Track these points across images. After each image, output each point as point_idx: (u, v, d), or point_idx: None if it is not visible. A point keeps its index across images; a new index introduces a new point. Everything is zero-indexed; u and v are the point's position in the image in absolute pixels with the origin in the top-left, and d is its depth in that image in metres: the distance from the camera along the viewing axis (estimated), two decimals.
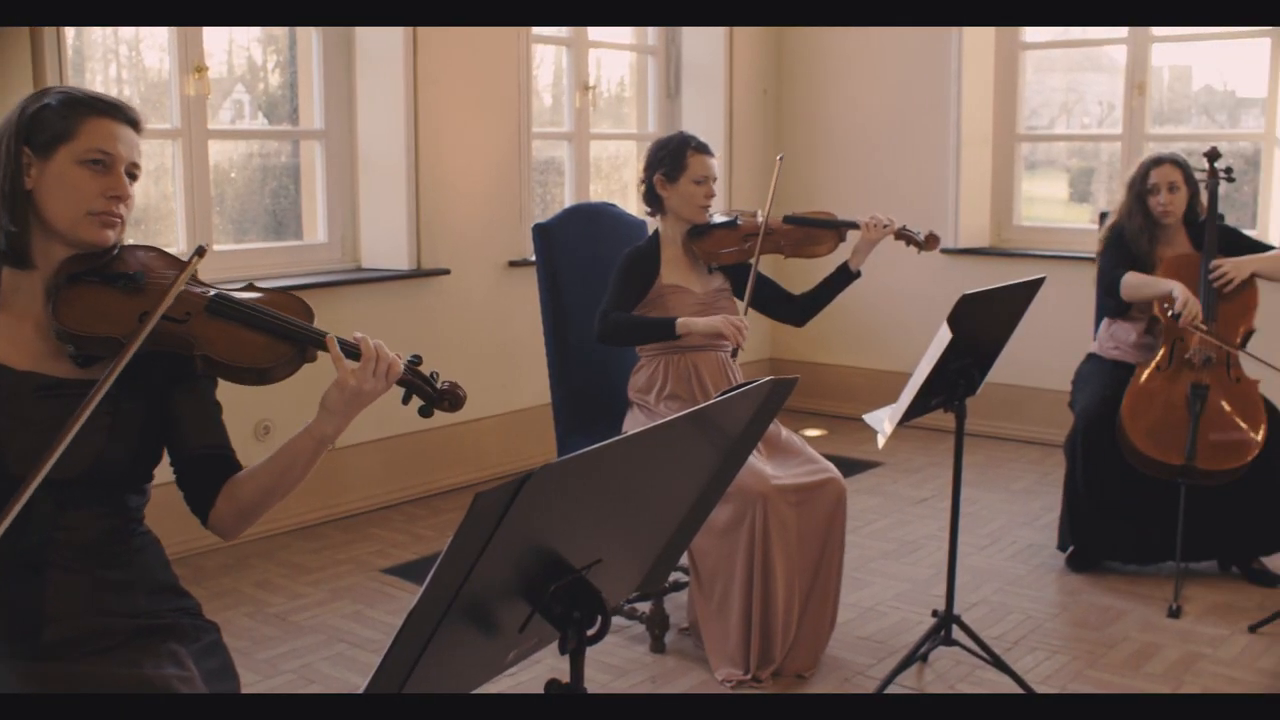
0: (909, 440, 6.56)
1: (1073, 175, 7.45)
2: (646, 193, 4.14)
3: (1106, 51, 6.90)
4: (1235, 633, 4.19)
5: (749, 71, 7.25)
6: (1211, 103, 6.94)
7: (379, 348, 2.23)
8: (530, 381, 5.79)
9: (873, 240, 4.14)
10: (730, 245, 4.10)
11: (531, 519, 1.65)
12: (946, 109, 6.87)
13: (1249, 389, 4.59)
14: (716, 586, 3.80)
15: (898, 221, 4.17)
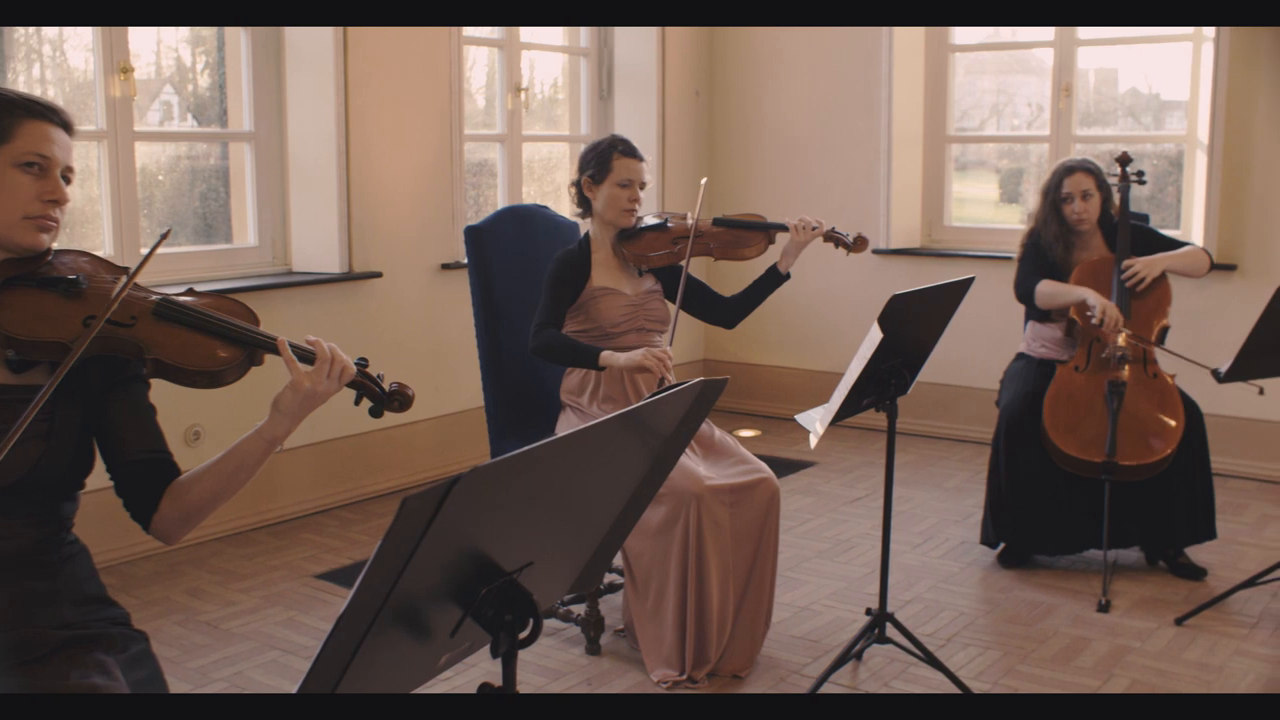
0: (842, 440, 6.60)
1: (1003, 176, 7.53)
2: (576, 195, 4.14)
3: (1035, 54, 6.98)
4: (1163, 625, 4.25)
5: (681, 73, 7.27)
6: (1137, 105, 7.04)
7: (334, 350, 2.27)
8: (463, 384, 5.78)
9: (801, 243, 4.16)
10: (660, 249, 4.10)
11: (461, 522, 1.64)
12: (878, 110, 6.92)
13: (1166, 384, 4.67)
14: (651, 587, 3.80)
15: (826, 224, 4.19)
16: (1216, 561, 4.81)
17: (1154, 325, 4.70)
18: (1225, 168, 6.01)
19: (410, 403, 2.41)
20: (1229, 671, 3.90)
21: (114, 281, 2.25)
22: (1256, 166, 5.97)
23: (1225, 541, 4.96)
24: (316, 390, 2.25)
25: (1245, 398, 5.42)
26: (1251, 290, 5.54)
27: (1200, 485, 4.67)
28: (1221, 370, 4.10)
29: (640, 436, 1.99)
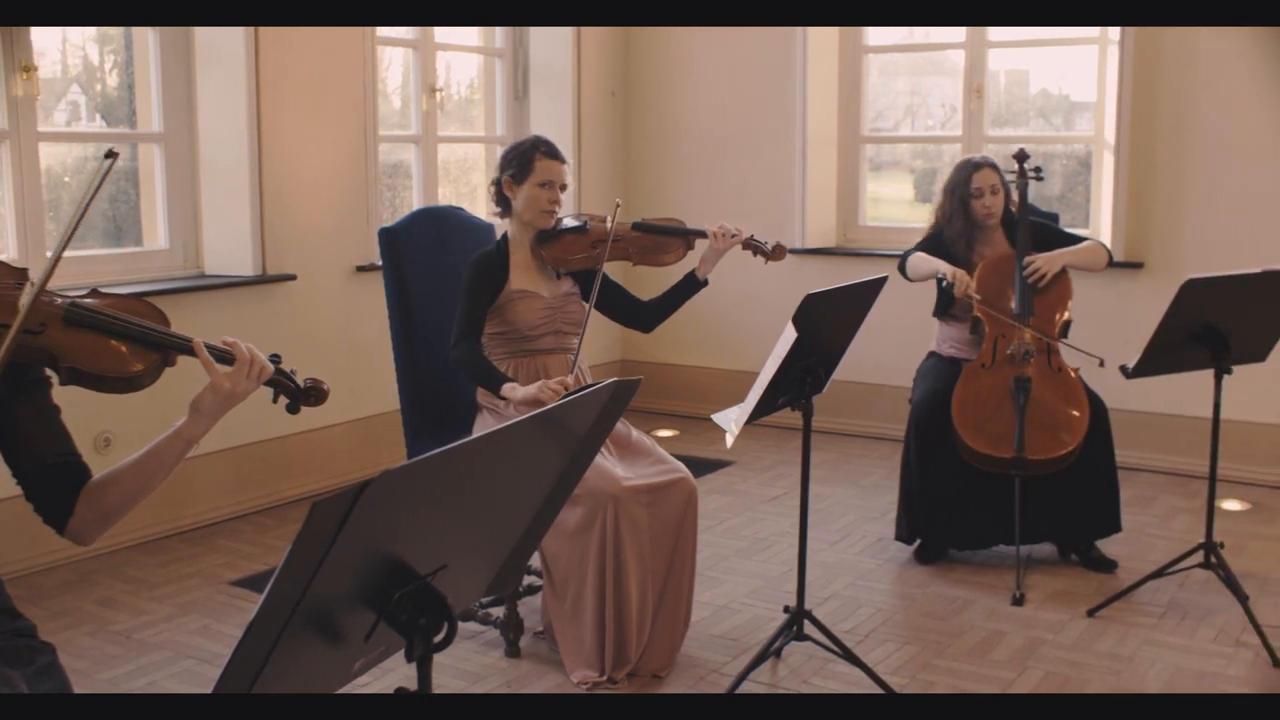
0: (760, 439, 6.64)
1: (917, 176, 7.61)
2: (496, 194, 4.13)
3: (948, 56, 7.07)
4: (1075, 617, 4.32)
5: (597, 74, 7.27)
6: (1048, 106, 7.15)
7: (252, 351, 2.29)
8: (380, 387, 5.72)
9: (720, 250, 4.17)
10: (578, 252, 4.09)
11: (373, 526, 1.63)
12: (792, 111, 6.96)
13: (1070, 379, 4.74)
14: (569, 589, 3.80)
15: (746, 231, 4.20)
16: (1126, 554, 4.89)
17: (1056, 320, 4.78)
18: (1131, 167, 6.13)
19: (325, 397, 2.43)
20: (1139, 661, 3.98)
21: (18, 288, 2.20)
22: (1161, 166, 6.09)
23: (1134, 534, 5.05)
24: (236, 391, 2.27)
25: (1150, 392, 5.53)
26: (1158, 287, 5.64)
27: (1106, 479, 4.75)
28: (1130, 366, 4.17)
29: (554, 437, 1.99)
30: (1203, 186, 6.03)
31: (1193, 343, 4.12)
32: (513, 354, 4.07)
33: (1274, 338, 4.31)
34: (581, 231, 4.14)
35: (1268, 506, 5.64)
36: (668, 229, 4.23)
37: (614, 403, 2.04)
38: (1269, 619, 4.24)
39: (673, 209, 7.08)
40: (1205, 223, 6.02)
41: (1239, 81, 5.90)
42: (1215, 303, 4.06)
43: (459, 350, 3.96)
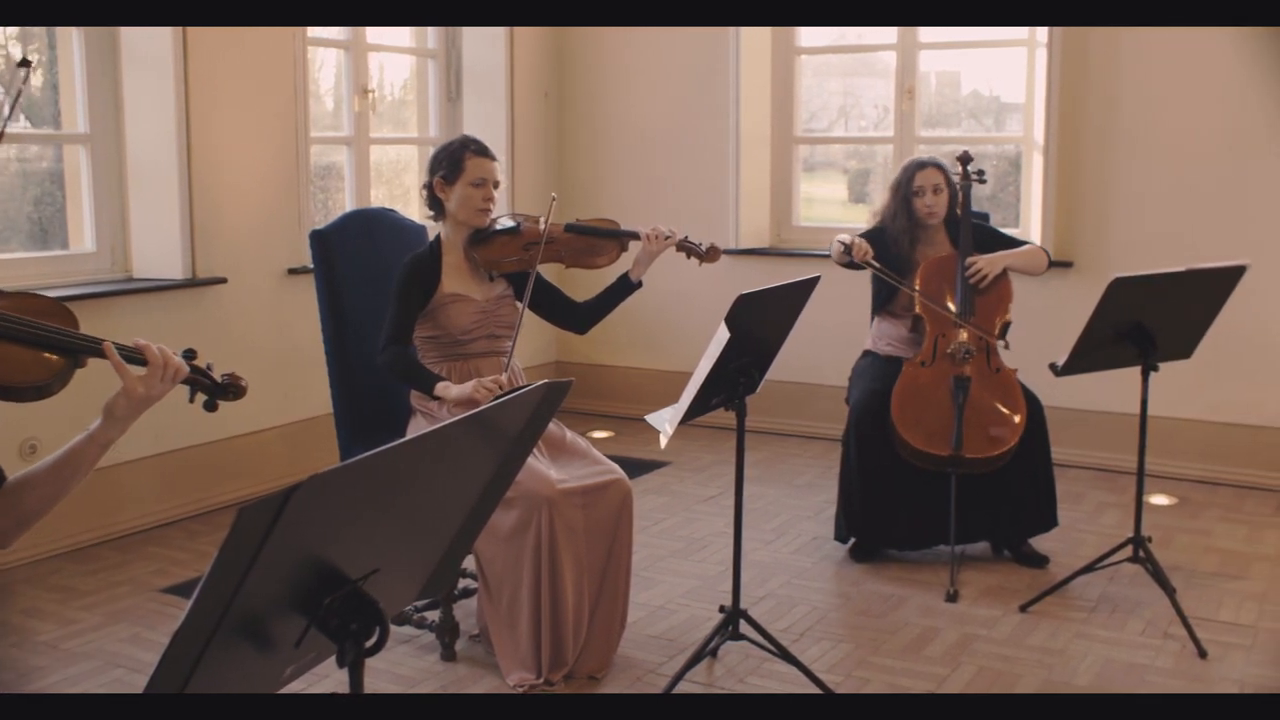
0: (695, 439, 6.65)
1: (851, 176, 7.66)
2: (428, 197, 4.10)
3: (880, 57, 7.11)
4: (1008, 613, 4.37)
5: (530, 74, 7.25)
6: (979, 107, 7.22)
7: (164, 352, 2.25)
8: (313, 390, 5.67)
9: (654, 252, 4.16)
10: (511, 254, 4.06)
11: (302, 531, 1.61)
12: (725, 112, 6.99)
13: (1008, 378, 4.79)
14: (504, 592, 3.78)
15: (680, 233, 4.19)
16: (1058, 549, 4.95)
17: (996, 321, 4.83)
18: (1060, 168, 6.20)
19: (243, 392, 2.42)
20: (1070, 654, 4.02)
21: None
22: (1089, 166, 6.17)
23: (1065, 529, 5.11)
24: (150, 394, 2.24)
25: (1082, 389, 5.59)
26: (1087, 286, 5.71)
27: (1042, 476, 4.81)
28: (1059, 364, 4.22)
29: (486, 439, 1.98)
30: (1130, 186, 6.11)
31: (1120, 340, 4.18)
32: (445, 357, 4.05)
33: (1199, 335, 4.38)
34: (514, 233, 4.11)
35: (1194, 501, 5.73)
36: (601, 230, 4.21)
37: (545, 404, 2.03)
38: (1195, 611, 4.31)
39: (606, 209, 7.07)
40: (1133, 222, 6.11)
41: (1163, 83, 5.99)
42: (1142, 301, 4.12)
43: (387, 354, 3.94)
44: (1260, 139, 5.83)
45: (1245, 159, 5.87)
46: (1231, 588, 4.63)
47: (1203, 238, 5.90)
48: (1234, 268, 4.24)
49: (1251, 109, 5.84)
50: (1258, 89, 5.82)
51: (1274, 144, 5.81)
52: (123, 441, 2.27)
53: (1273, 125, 5.80)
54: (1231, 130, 5.89)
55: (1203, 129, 5.94)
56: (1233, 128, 5.89)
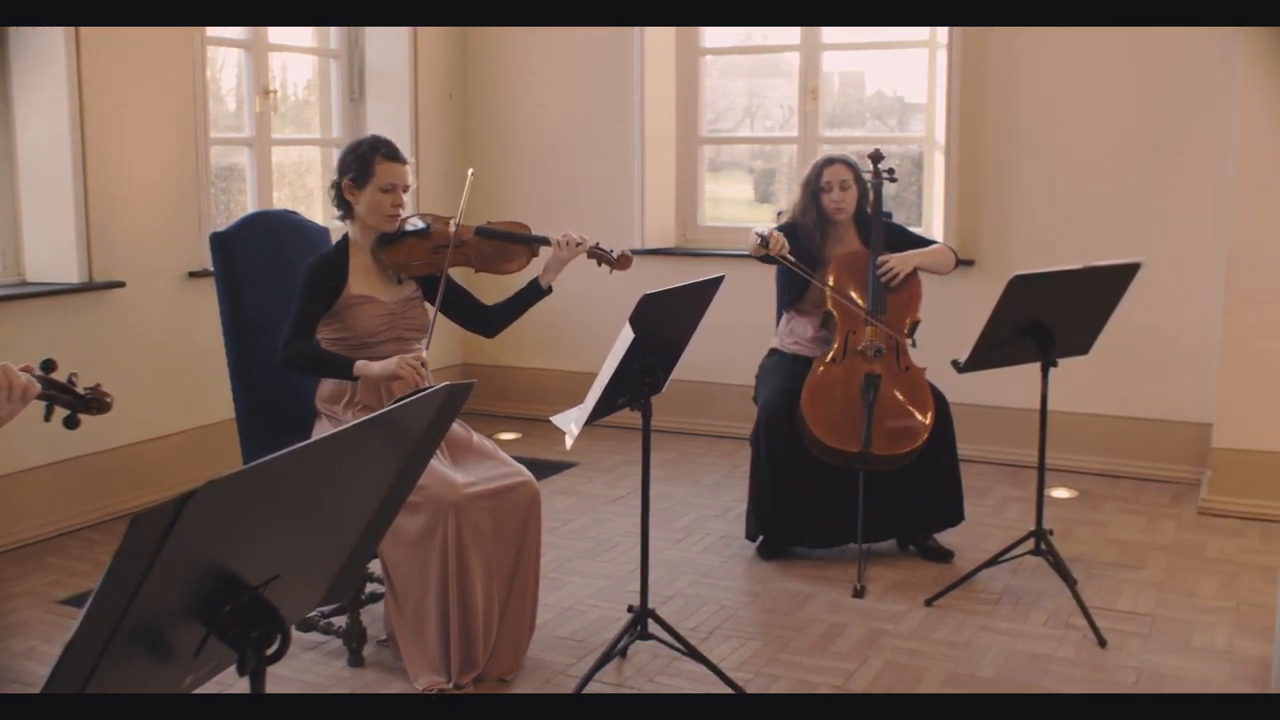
0: (603, 439, 6.64)
1: (757, 176, 7.70)
2: (336, 197, 4.05)
3: (785, 58, 7.16)
4: (914, 607, 4.42)
5: (434, 75, 7.20)
6: (882, 108, 7.29)
7: (7, 370, 2.09)
8: (215, 396, 5.57)
9: (564, 259, 4.13)
10: (419, 257, 4.03)
11: (199, 538, 1.59)
12: (630, 112, 6.99)
13: (917, 377, 4.85)
14: (411, 596, 3.75)
15: (590, 239, 4.18)
16: (963, 543, 5.02)
17: (906, 320, 4.88)
18: (961, 168, 6.29)
19: (108, 406, 2.24)
20: (975, 647, 4.08)
21: None
22: (990, 166, 6.26)
23: (970, 524, 5.17)
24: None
25: (985, 386, 5.67)
26: (988, 284, 5.77)
27: (949, 472, 4.88)
28: (961, 361, 4.28)
29: (387, 442, 1.97)
30: (1029, 186, 6.22)
31: (1020, 337, 4.25)
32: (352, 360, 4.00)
33: (1096, 331, 4.47)
34: (424, 235, 4.07)
35: (1094, 493, 5.84)
36: (512, 235, 4.18)
37: (448, 406, 2.02)
38: (1095, 601, 4.40)
39: (513, 210, 7.05)
40: (1032, 221, 6.21)
41: (1060, 84, 6.10)
42: (1040, 298, 4.19)
43: (290, 350, 3.87)
44: (1153, 138, 5.96)
45: (1139, 158, 6.00)
46: (1130, 577, 4.72)
47: (1099, 236, 6.01)
48: (1129, 265, 4.33)
49: (1145, 109, 5.97)
50: (1151, 89, 5.95)
51: (1167, 143, 5.94)
52: (20, 450, 2.20)
53: (1165, 124, 5.93)
54: (1126, 130, 6.01)
55: (1098, 129, 6.06)
56: (1127, 127, 6.01)
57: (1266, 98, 5.28)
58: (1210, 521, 5.41)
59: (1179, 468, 6.03)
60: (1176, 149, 5.93)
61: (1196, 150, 5.89)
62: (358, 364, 3.83)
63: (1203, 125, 5.86)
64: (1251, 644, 4.07)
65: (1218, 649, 4.07)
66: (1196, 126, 5.88)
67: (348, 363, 3.84)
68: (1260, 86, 5.32)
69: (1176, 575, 4.75)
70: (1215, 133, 5.81)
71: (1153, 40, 5.89)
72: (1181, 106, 5.90)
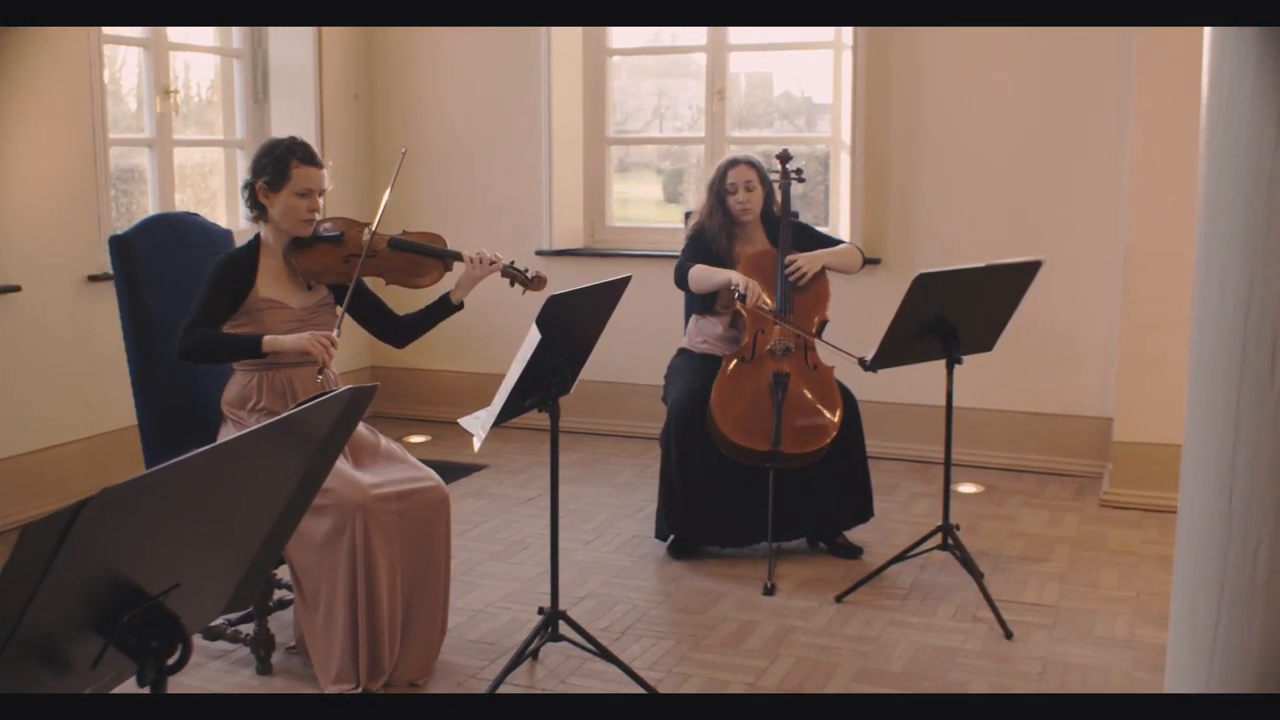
0: (513, 441, 6.62)
1: (665, 177, 7.72)
2: (249, 199, 3.98)
3: (694, 59, 7.18)
4: (824, 604, 4.45)
5: (340, 75, 7.13)
6: (791, 108, 7.34)
7: None
8: (117, 401, 5.48)
9: (476, 276, 4.10)
10: (330, 265, 3.97)
11: (95, 547, 1.55)
12: (538, 113, 6.97)
13: (825, 375, 4.89)
14: (320, 601, 3.71)
15: (504, 258, 4.14)
16: (872, 539, 5.06)
17: (814, 319, 4.92)
18: (867, 167, 6.35)
19: None
20: (884, 641, 4.12)
21: None
22: (895, 166, 6.33)
23: (879, 520, 5.22)
24: None
25: (893, 384, 5.73)
26: (894, 282, 5.85)
27: (858, 470, 4.92)
28: (868, 358, 4.32)
29: (290, 446, 1.94)
30: (933, 185, 6.29)
31: (925, 334, 4.30)
32: (259, 367, 3.94)
33: (999, 328, 4.53)
34: (337, 242, 4.01)
35: (999, 488, 5.92)
36: (425, 249, 4.11)
37: (351, 409, 2.00)
38: (1002, 594, 4.46)
39: (420, 212, 7.02)
40: (937, 220, 6.29)
41: (962, 84, 6.19)
42: (945, 296, 4.25)
43: (191, 338, 3.77)
44: (1053, 138, 6.06)
45: (1039, 158, 6.09)
46: (1035, 570, 4.80)
47: (1002, 234, 6.10)
48: (1030, 263, 4.40)
49: (1045, 109, 6.07)
50: (1050, 90, 6.05)
51: (1066, 143, 6.04)
52: None
53: (1064, 125, 6.03)
54: (1026, 130, 6.11)
55: (999, 129, 6.15)
56: (1028, 128, 6.10)
57: (1160, 99, 5.39)
58: (1112, 514, 5.51)
59: (1082, 462, 6.14)
60: (1075, 149, 6.04)
61: (1094, 150, 6.00)
62: (266, 338, 3.77)
63: (1100, 126, 5.97)
64: (1151, 632, 4.16)
65: (1119, 638, 4.15)
66: (1094, 127, 5.99)
67: (255, 340, 3.78)
68: (1154, 88, 5.43)
69: (1079, 567, 4.84)
70: (1113, 133, 5.93)
71: (1051, 42, 5.99)
72: (1080, 107, 6.01)
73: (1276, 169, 1.63)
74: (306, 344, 3.74)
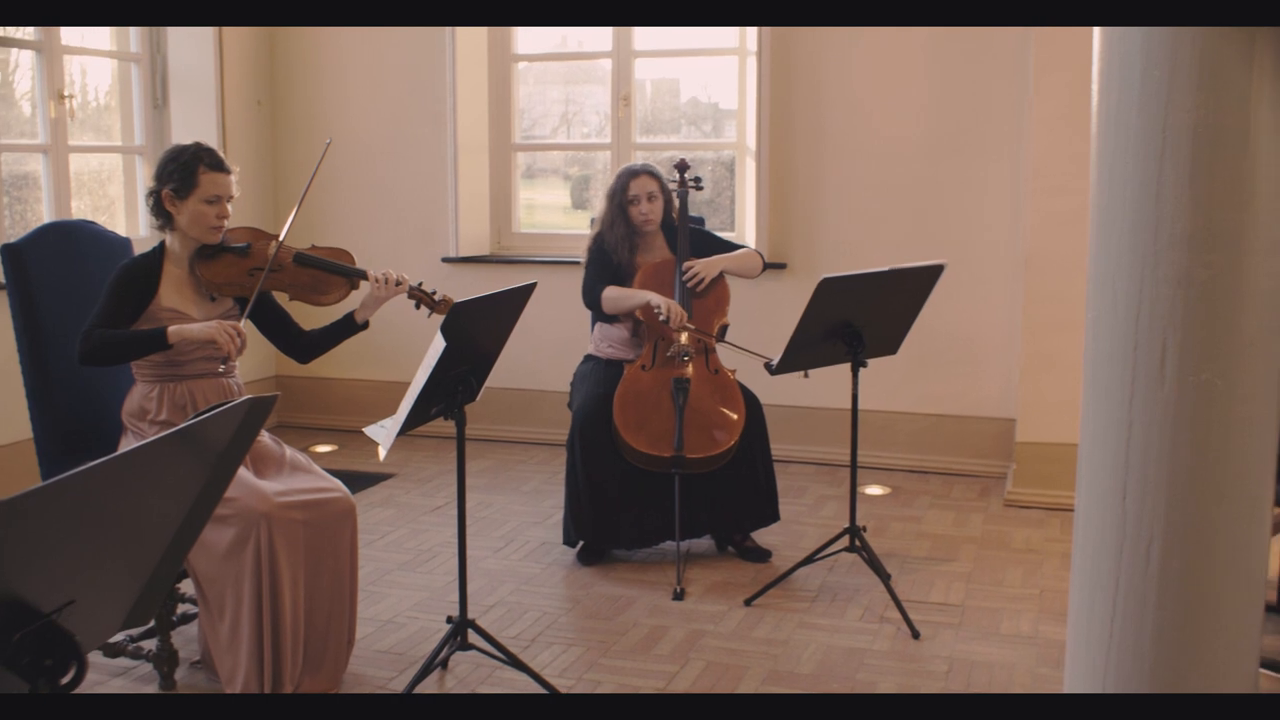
0: (421, 450, 6.57)
1: (573, 183, 7.71)
2: (154, 206, 3.90)
3: (601, 65, 7.18)
4: (733, 607, 4.47)
5: (241, 81, 7.03)
6: (697, 114, 7.37)
7: None
8: (10, 415, 5.37)
9: (381, 298, 4.06)
10: (234, 278, 3.90)
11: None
12: (443, 119, 6.94)
13: (726, 379, 4.92)
14: (226, 610, 3.65)
15: (411, 280, 4.10)
16: (780, 542, 5.09)
17: (714, 323, 4.95)
18: (772, 173, 6.39)
19: None
20: (793, 644, 4.15)
21: None
22: (800, 171, 6.38)
23: (787, 523, 5.26)
24: None
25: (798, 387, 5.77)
26: (800, 287, 5.91)
27: (763, 472, 4.95)
28: (773, 362, 4.35)
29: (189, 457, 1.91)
30: (838, 190, 6.35)
31: (830, 338, 4.34)
32: (160, 378, 3.87)
33: (903, 331, 4.58)
34: (243, 254, 3.94)
35: (906, 489, 5.99)
36: (331, 265, 4.04)
37: (250, 419, 1.97)
38: (909, 594, 4.52)
39: (324, 220, 6.95)
40: (842, 224, 6.35)
41: (864, 90, 6.25)
42: (849, 300, 4.29)
43: (92, 339, 3.69)
44: (954, 144, 6.15)
45: (942, 163, 6.18)
46: (941, 570, 4.85)
47: (906, 238, 6.18)
48: (933, 267, 4.45)
49: (946, 115, 6.15)
50: (952, 96, 6.13)
51: (967, 148, 6.13)
52: None
53: (966, 129, 6.12)
54: (928, 136, 6.19)
55: (902, 135, 6.23)
56: (930, 133, 6.18)
57: (1057, 105, 5.49)
58: (1016, 513, 5.60)
59: (986, 462, 6.23)
60: (976, 154, 6.13)
61: (995, 155, 6.10)
62: (171, 329, 3.71)
63: (1001, 130, 6.07)
64: (1055, 629, 4.23)
65: (1024, 635, 4.21)
66: (995, 132, 6.08)
67: (160, 332, 3.71)
68: (1051, 94, 5.52)
69: (985, 566, 4.91)
70: (1012, 138, 6.02)
71: (953, 48, 6.08)
72: (981, 112, 6.10)
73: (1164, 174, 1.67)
74: (214, 332, 3.68)
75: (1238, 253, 1.70)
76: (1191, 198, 1.68)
